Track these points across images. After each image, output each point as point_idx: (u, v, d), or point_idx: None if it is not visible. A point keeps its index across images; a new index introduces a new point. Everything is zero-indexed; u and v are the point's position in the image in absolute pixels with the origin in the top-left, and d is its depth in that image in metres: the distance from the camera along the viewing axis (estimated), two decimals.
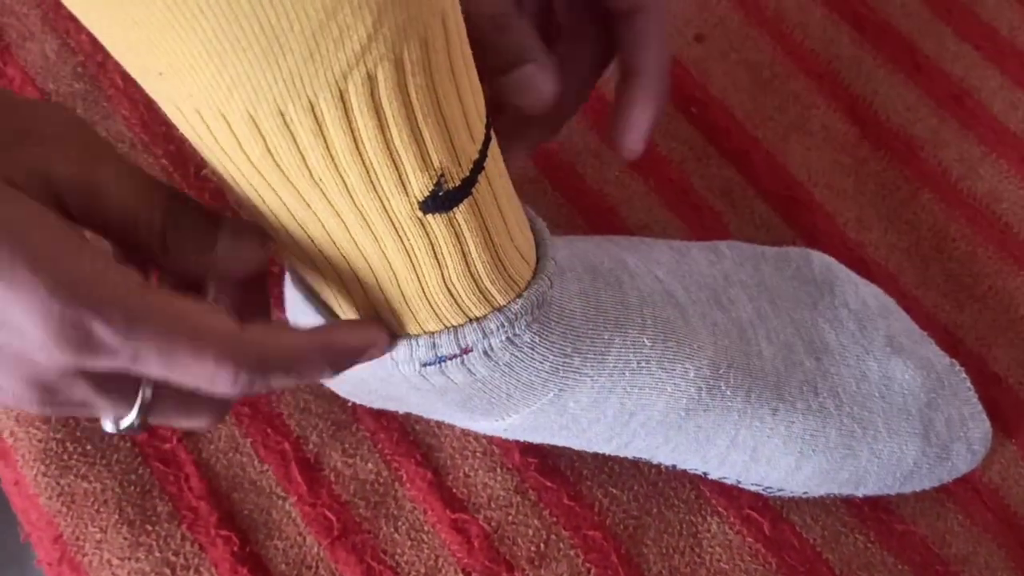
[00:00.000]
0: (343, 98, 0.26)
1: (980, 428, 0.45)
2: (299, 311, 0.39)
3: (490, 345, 0.35)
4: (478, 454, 0.46)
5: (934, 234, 0.52)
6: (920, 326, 0.48)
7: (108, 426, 0.31)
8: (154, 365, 0.28)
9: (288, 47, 0.24)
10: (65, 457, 0.45)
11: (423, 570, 0.44)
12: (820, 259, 0.47)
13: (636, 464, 0.46)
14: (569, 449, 0.46)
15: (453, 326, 0.34)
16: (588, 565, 0.44)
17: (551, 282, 0.36)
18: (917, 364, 0.44)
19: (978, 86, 0.57)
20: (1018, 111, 0.56)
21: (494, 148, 0.32)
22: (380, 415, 0.47)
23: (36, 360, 0.28)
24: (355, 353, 0.33)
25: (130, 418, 0.31)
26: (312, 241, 0.31)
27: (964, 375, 0.46)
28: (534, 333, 0.36)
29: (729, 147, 0.55)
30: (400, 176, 0.29)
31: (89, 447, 0.45)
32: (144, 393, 0.30)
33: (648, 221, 0.53)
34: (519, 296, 0.35)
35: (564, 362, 0.37)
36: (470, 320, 0.34)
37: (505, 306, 0.34)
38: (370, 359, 0.34)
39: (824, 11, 0.58)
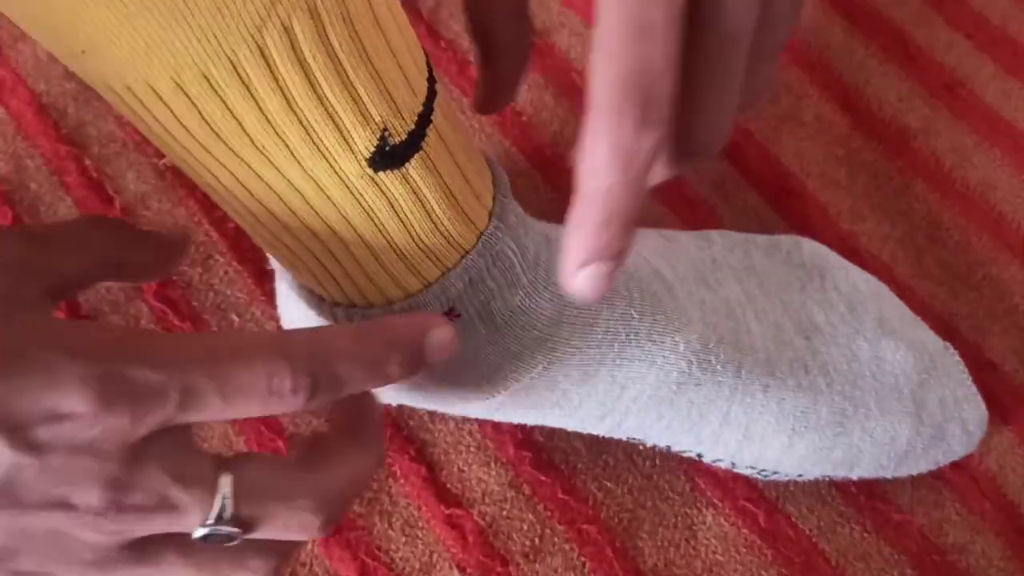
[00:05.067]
0: (263, 53, 0.26)
1: (975, 410, 0.44)
2: (290, 305, 0.39)
3: (481, 303, 0.34)
4: (472, 449, 0.46)
5: (928, 224, 0.52)
6: (914, 313, 0.47)
7: (198, 529, 0.28)
8: (209, 396, 0.27)
9: (194, 3, 0.24)
10: None
11: (417, 566, 0.44)
12: (811, 245, 0.47)
13: (630, 457, 0.46)
14: (563, 443, 0.46)
15: (429, 282, 0.34)
16: (583, 559, 0.44)
17: (503, 222, 0.34)
18: (909, 345, 0.44)
19: (970, 75, 0.56)
20: (1010, 100, 0.56)
21: (443, 102, 0.32)
22: None
23: (97, 447, 0.26)
24: (416, 338, 0.31)
25: (216, 506, 0.28)
26: (275, 216, 0.31)
27: (957, 357, 0.45)
28: (524, 295, 0.36)
29: None
30: (341, 133, 0.28)
31: None
32: (222, 480, 0.28)
33: (641, 213, 0.52)
34: (480, 236, 0.34)
35: (551, 332, 0.37)
36: (445, 271, 0.34)
37: (470, 250, 0.34)
38: (440, 352, 0.32)
39: (815, 1, 0.58)
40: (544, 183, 0.53)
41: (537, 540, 0.44)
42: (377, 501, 0.45)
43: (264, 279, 0.50)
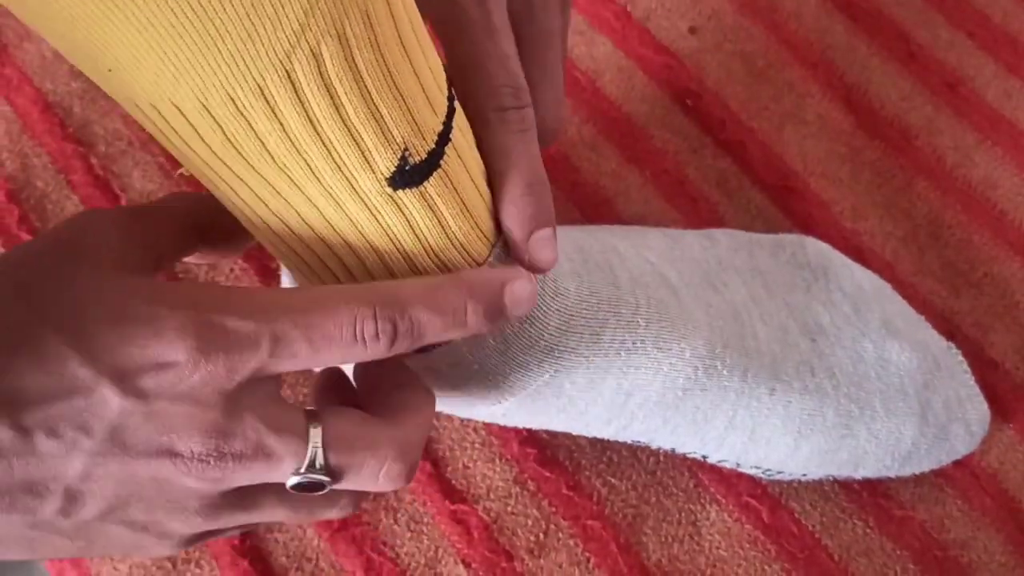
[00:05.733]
0: (291, 78, 0.26)
1: (978, 409, 0.45)
2: None
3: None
4: (477, 445, 0.46)
5: (930, 222, 0.53)
6: (917, 312, 0.48)
7: (292, 478, 0.29)
8: (297, 343, 0.28)
9: (225, 29, 0.25)
10: None
11: (423, 561, 0.44)
12: (815, 245, 0.47)
13: (634, 453, 0.46)
14: (567, 439, 0.46)
15: None
16: (587, 554, 0.44)
17: None
18: (913, 346, 0.44)
19: (972, 74, 0.57)
20: (1012, 98, 0.56)
21: (460, 119, 0.32)
22: None
23: (197, 394, 0.28)
24: (494, 289, 0.32)
25: (309, 455, 0.29)
26: (291, 230, 0.31)
27: (960, 357, 0.46)
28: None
29: (724, 138, 0.55)
30: (363, 153, 0.29)
31: None
32: (312, 431, 0.30)
33: (644, 212, 0.53)
34: (492, 248, 0.34)
35: (559, 342, 0.37)
36: None
37: (481, 264, 0.34)
38: (519, 304, 0.33)
39: (817, 0, 0.59)
40: (549, 182, 0.53)
41: (542, 535, 0.45)
42: (382, 497, 0.45)
43: (269, 277, 0.50)
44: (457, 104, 0.32)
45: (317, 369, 0.42)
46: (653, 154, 0.54)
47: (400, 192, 0.30)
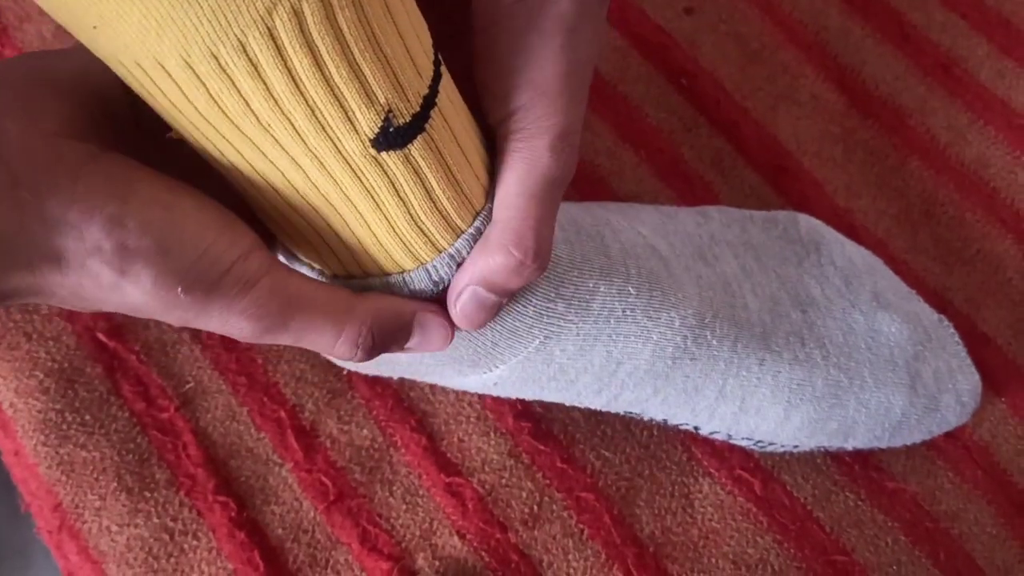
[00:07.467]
0: (272, 35, 0.27)
1: (969, 380, 0.45)
2: None
3: None
4: (472, 419, 0.47)
5: (923, 200, 0.53)
6: (909, 288, 0.48)
7: None
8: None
9: None
10: (64, 427, 0.46)
11: (418, 533, 0.45)
12: (807, 221, 0.47)
13: (628, 427, 0.47)
14: (562, 413, 0.47)
15: (424, 263, 0.34)
16: (581, 526, 0.45)
17: None
18: (904, 318, 0.44)
19: (965, 55, 0.57)
20: (1005, 79, 0.56)
21: (448, 84, 0.32)
22: (375, 383, 0.47)
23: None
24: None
25: None
26: (278, 193, 0.32)
27: (952, 329, 0.46)
28: None
29: (719, 118, 0.55)
30: (346, 114, 0.29)
31: (88, 417, 0.46)
32: None
33: (639, 191, 0.53)
34: (476, 216, 0.34)
35: (548, 307, 0.37)
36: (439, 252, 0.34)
37: (464, 231, 0.34)
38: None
39: None
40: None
41: (536, 507, 0.45)
42: (378, 470, 0.46)
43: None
44: (444, 70, 0.32)
45: None
46: (648, 133, 0.54)
47: (384, 154, 0.30)
